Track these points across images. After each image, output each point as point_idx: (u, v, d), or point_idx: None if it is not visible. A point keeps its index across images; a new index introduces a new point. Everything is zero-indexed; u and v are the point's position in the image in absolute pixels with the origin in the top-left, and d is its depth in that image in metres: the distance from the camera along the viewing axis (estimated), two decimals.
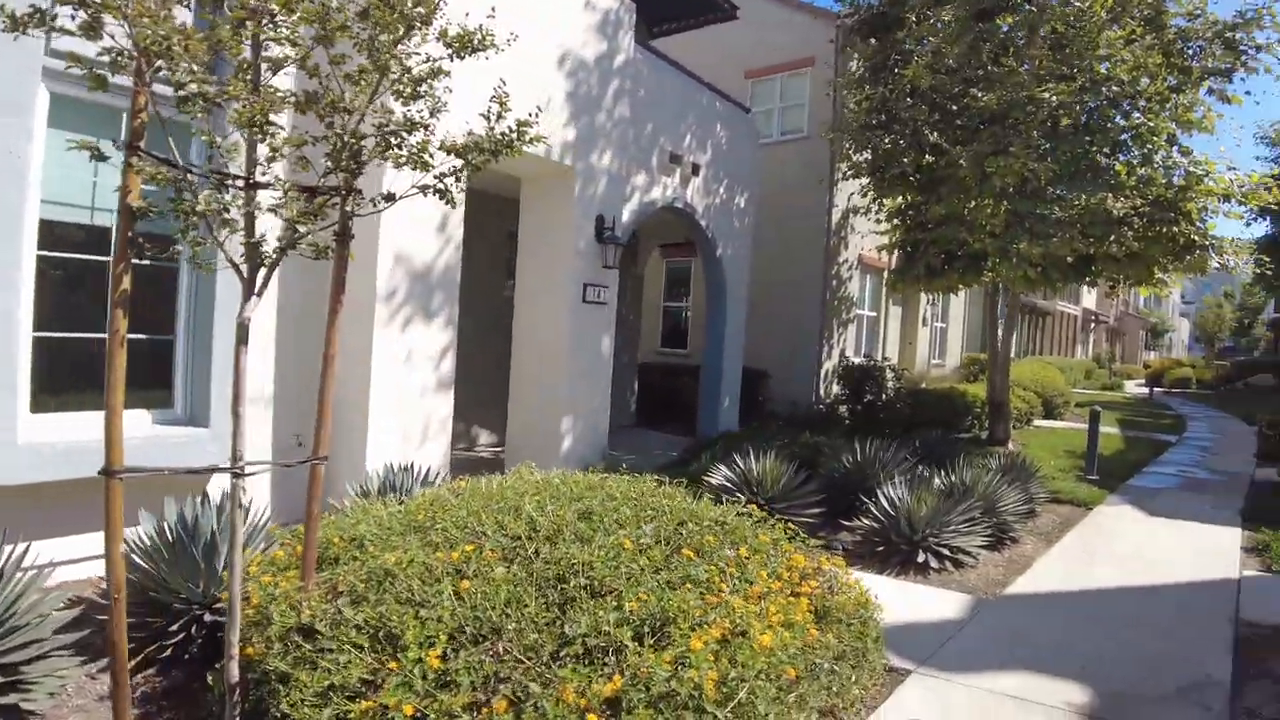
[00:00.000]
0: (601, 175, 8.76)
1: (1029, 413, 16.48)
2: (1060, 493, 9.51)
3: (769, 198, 15.88)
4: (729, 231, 12.01)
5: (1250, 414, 21.62)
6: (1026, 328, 34.42)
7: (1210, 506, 9.41)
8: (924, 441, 10.29)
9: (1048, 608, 5.69)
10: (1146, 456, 13.19)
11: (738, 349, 12.50)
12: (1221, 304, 58.03)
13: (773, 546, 4.13)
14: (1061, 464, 11.87)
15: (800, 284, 15.59)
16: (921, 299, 20.13)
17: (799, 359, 15.46)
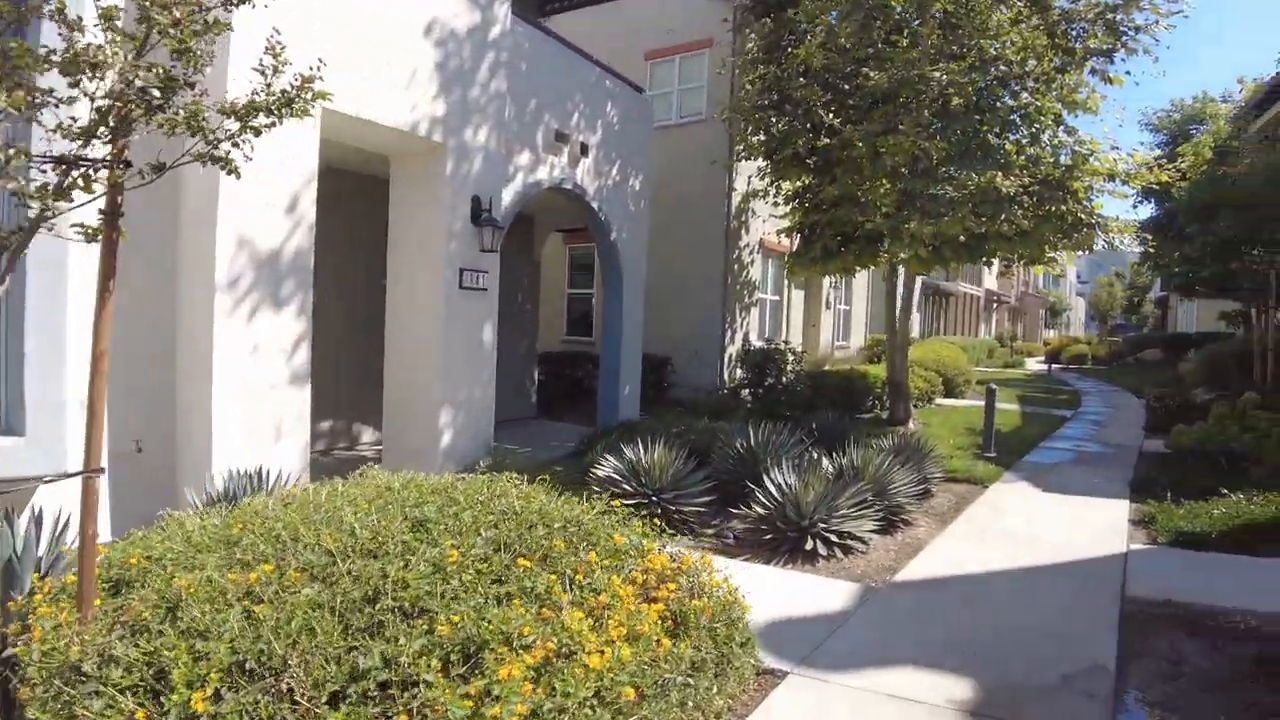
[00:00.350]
0: (477, 153, 8.26)
1: (930, 392, 16.62)
2: (957, 471, 9.46)
3: (670, 181, 15.60)
4: (624, 214, 11.64)
5: (1140, 387, 22.38)
6: (931, 309, 35.12)
7: (1102, 480, 9.49)
8: (821, 424, 10.14)
9: (937, 594, 5.50)
10: (1043, 432, 13.37)
11: (637, 335, 12.17)
12: (1113, 283, 60.51)
13: (632, 547, 3.77)
14: (961, 441, 11.90)
15: (702, 268, 15.35)
16: (824, 282, 20.16)
17: (702, 344, 15.24)
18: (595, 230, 11.34)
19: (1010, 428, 13.67)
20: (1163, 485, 8.74)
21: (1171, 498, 8.08)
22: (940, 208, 9.85)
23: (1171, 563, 6.20)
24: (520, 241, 12.98)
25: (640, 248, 12.19)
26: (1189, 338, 31.68)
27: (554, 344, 17.47)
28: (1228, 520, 7.16)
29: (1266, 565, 6.16)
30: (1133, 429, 14.19)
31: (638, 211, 12.01)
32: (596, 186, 10.89)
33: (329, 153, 8.30)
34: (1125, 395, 20.92)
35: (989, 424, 10.77)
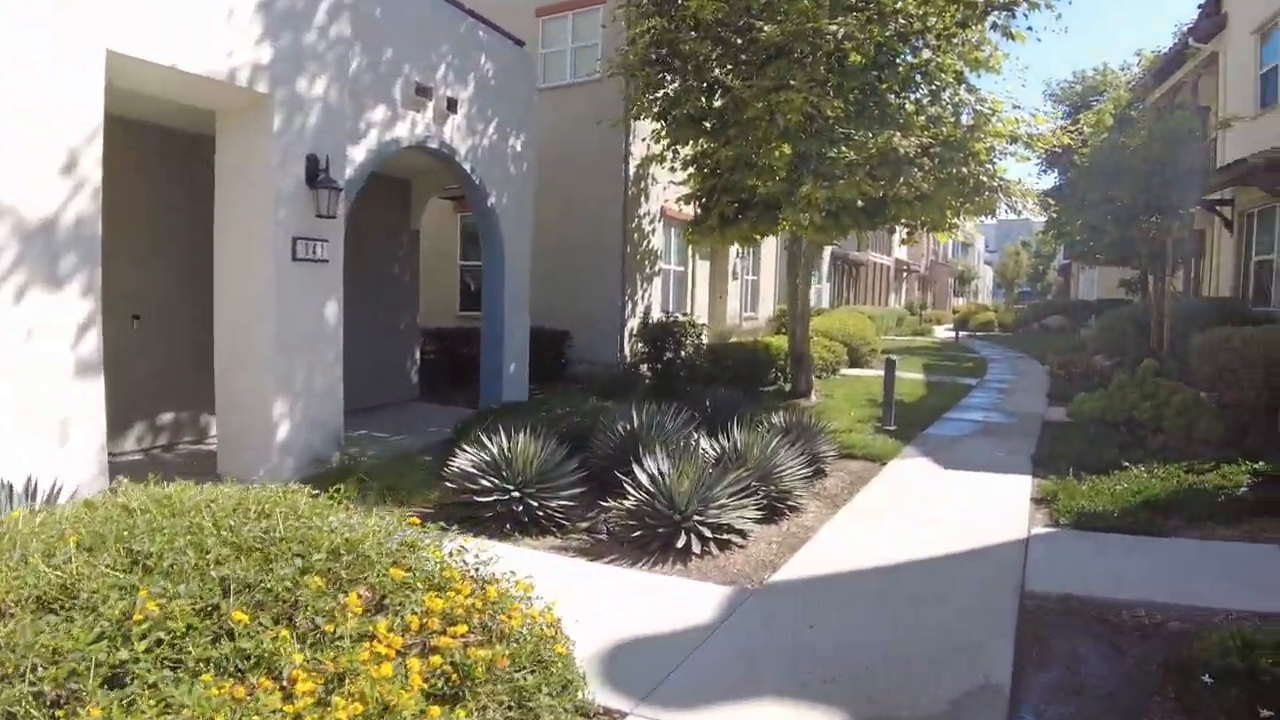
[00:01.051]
0: (313, 106, 7.26)
1: (835, 362, 16.22)
2: (854, 447, 8.95)
3: (565, 145, 14.74)
4: (503, 177, 10.74)
5: (1044, 354, 22.53)
6: (841, 279, 35.09)
7: (1004, 453, 9.10)
8: (715, 400, 9.51)
9: (817, 596, 4.87)
10: (948, 402, 13.05)
11: (522, 308, 11.32)
12: (1019, 252, 61.87)
13: (423, 577, 2.98)
14: (862, 414, 11.45)
15: (600, 238, 14.55)
16: (730, 252, 19.57)
17: (601, 317, 14.47)
18: (470, 194, 10.41)
19: (914, 398, 13.33)
20: (1065, 458, 8.37)
21: (1074, 472, 7.70)
22: (836, 170, 9.25)
23: (1073, 549, 5.72)
24: (394, 208, 11.97)
25: (525, 213, 11.30)
26: (1090, 304, 32.33)
27: (448, 320, 16.48)
28: (1129, 496, 6.76)
29: (1166, 546, 5.75)
30: (1037, 397, 14.02)
31: (520, 174, 11.11)
32: (469, 146, 9.95)
33: (142, 107, 7.21)
34: (1030, 362, 21.00)
35: (889, 397, 10.31)
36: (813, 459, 7.77)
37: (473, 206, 10.58)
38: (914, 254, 51.82)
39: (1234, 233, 16.43)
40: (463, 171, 9.91)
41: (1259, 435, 8.94)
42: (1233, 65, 17.10)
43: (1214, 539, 5.94)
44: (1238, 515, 6.40)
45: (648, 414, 7.98)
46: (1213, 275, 17.57)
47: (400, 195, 12.01)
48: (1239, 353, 9.36)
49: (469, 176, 9.99)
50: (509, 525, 5.97)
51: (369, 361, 11.38)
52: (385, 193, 11.70)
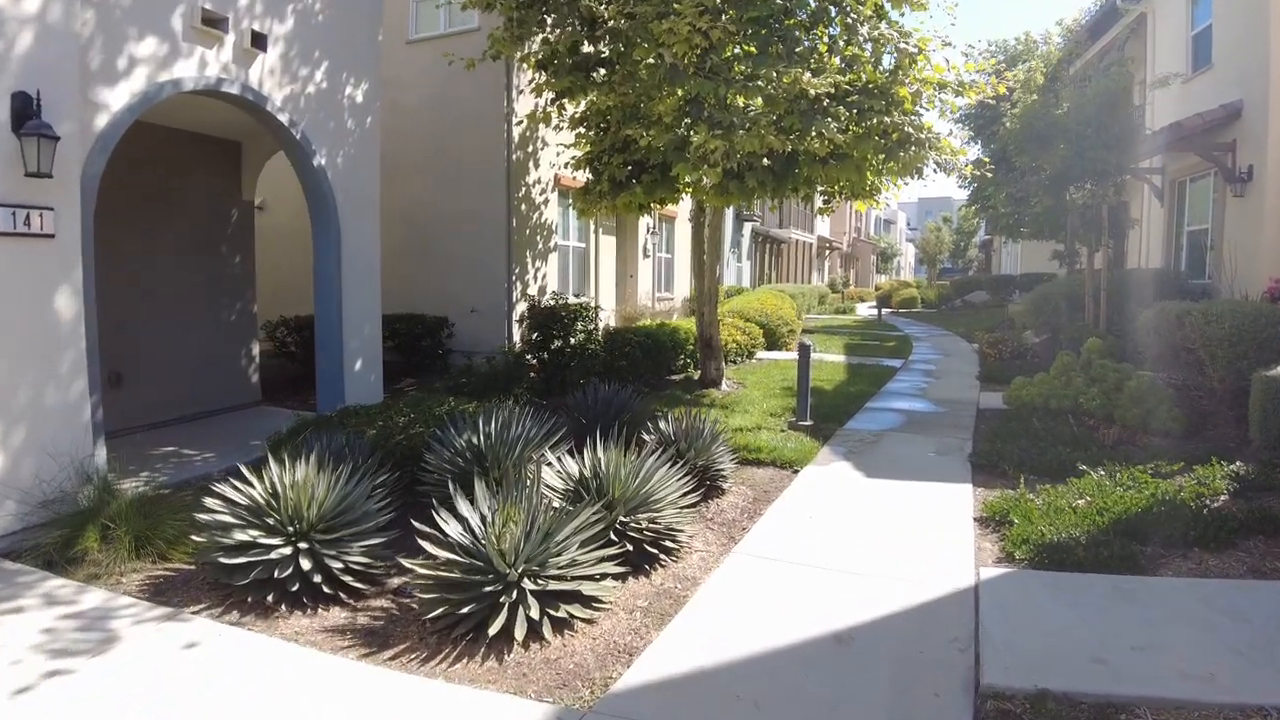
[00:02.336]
0: (25, 28, 5.35)
1: (750, 345, 14.78)
2: (762, 451, 7.45)
3: (441, 105, 12.96)
4: (337, 132, 8.90)
5: (970, 331, 21.54)
6: (763, 257, 33.86)
7: (936, 452, 7.72)
8: (600, 399, 7.91)
9: (677, 715, 3.30)
10: (871, 388, 11.69)
11: (368, 290, 9.50)
12: (941, 228, 61.79)
13: None
14: (776, 405, 9.99)
15: (482, 210, 12.76)
16: (640, 227, 17.97)
17: (484, 301, 12.71)
18: (290, 152, 8.52)
19: (835, 384, 11.94)
20: (1008, 459, 7.03)
21: (1022, 478, 6.34)
22: (735, 119, 7.69)
23: (1038, 604, 4.25)
24: (219, 174, 10.02)
25: (368, 175, 9.45)
26: (1014, 279, 31.72)
27: None
28: (1095, 516, 5.39)
29: (1157, 592, 4.36)
30: (967, 379, 12.79)
31: (361, 130, 9.26)
32: (288, 94, 8.09)
33: None
34: (956, 340, 19.94)
35: (803, 388, 8.84)
36: (706, 474, 6.24)
37: (295, 166, 8.69)
38: (837, 231, 51.06)
39: (1164, 202, 15.47)
40: (277, 124, 8.03)
41: (1225, 425, 7.74)
42: (1163, 27, 16.09)
43: (1210, 575, 4.59)
44: (1229, 537, 5.09)
45: (503, 420, 6.36)
46: (1142, 247, 16.64)
47: (227, 160, 10.05)
48: (1199, 330, 8.13)
49: (286, 130, 8.13)
50: (273, 596, 4.26)
51: (185, 361, 9.48)
52: (205, 156, 9.74)
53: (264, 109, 7.78)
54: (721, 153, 7.52)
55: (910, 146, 8.22)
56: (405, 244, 13.55)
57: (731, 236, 27.00)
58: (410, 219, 13.42)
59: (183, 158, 9.42)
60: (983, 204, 27.68)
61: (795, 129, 7.89)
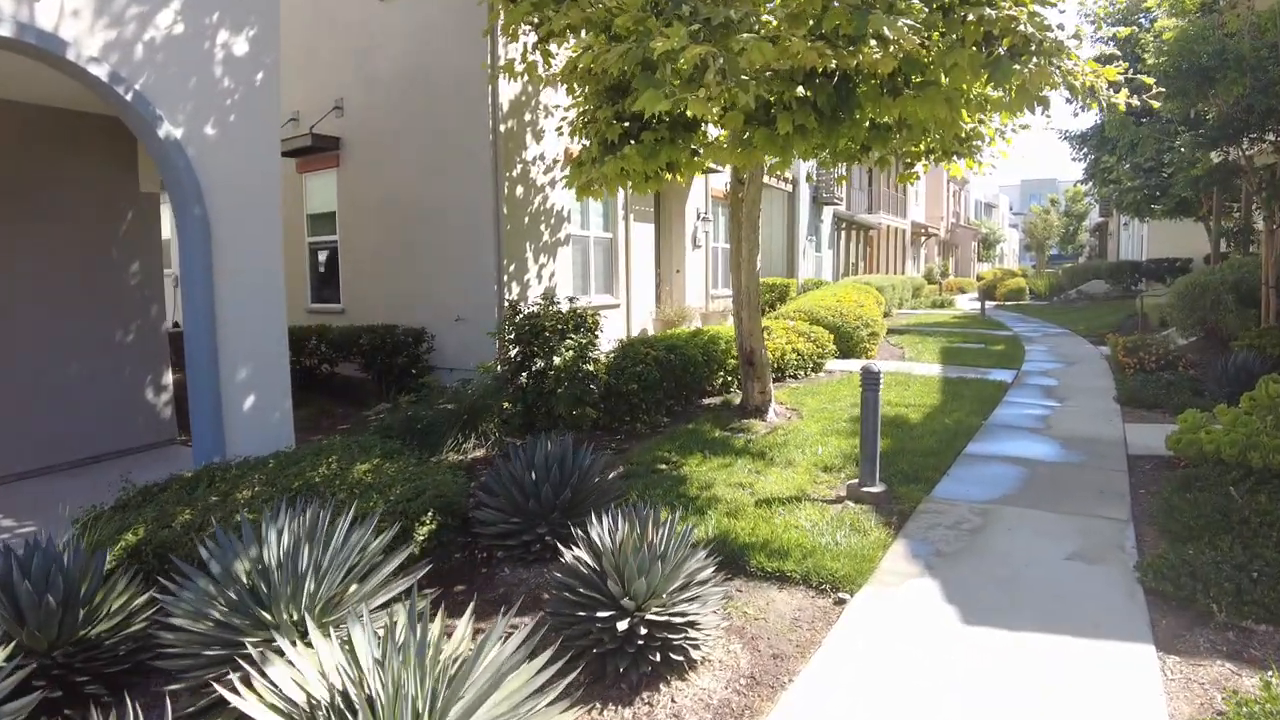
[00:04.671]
0: None
1: (818, 355, 11.79)
2: (789, 557, 4.60)
3: (419, 75, 10.56)
4: (202, 95, 6.39)
5: (1093, 329, 17.97)
6: (848, 245, 30.53)
7: (1078, 555, 4.72)
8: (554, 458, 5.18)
9: None
10: (971, 418, 8.61)
11: (264, 307, 6.97)
12: (1049, 211, 56.62)
13: None
14: (838, 448, 7.11)
15: (465, 198, 10.20)
16: (688, 211, 15.16)
17: (473, 309, 10.14)
18: (127, 120, 6.05)
19: (924, 412, 8.90)
20: (1212, 584, 4.01)
21: (1256, 638, 3.36)
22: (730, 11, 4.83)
23: None
24: (105, 161, 7.70)
25: (262, 155, 6.94)
26: (1139, 265, 27.59)
27: (296, 315, 12.28)
28: None
29: None
30: (1102, 401, 9.55)
31: (247, 92, 6.73)
32: (110, 39, 5.62)
33: None
34: (1077, 341, 16.42)
35: (869, 436, 5.86)
36: (655, 639, 3.45)
37: (142, 138, 6.21)
38: (933, 216, 46.96)
39: None
40: (92, 80, 5.55)
41: None
42: None
43: None
44: None
45: (297, 529, 3.74)
46: None
47: (115, 144, 7.70)
48: None
49: (110, 90, 5.64)
50: None
51: (62, 394, 7.23)
52: (86, 140, 7.45)
53: (63, 58, 5.31)
54: (717, 72, 4.65)
55: (1030, 57, 5.17)
56: (385, 243, 11.14)
57: (809, 222, 23.87)
58: (390, 214, 11.01)
59: (51, 141, 7.14)
60: (1100, 178, 23.80)
61: (842, 32, 4.96)
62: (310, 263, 12.55)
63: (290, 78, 12.37)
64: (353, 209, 11.67)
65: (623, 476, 6.48)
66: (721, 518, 5.28)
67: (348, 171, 11.72)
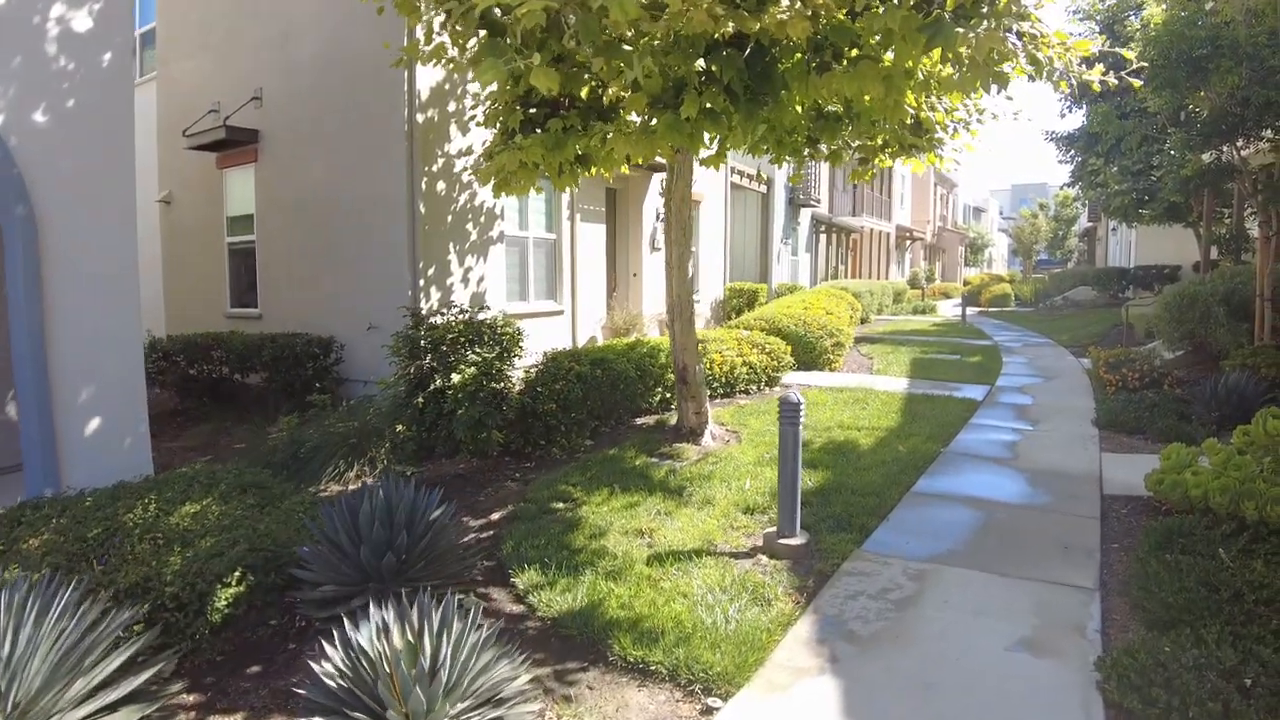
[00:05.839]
0: None
1: (772, 368, 10.84)
2: (662, 640, 3.63)
3: (335, 61, 9.63)
4: (27, 77, 5.44)
5: (1076, 340, 17.09)
6: (829, 249, 29.63)
7: (1025, 645, 3.77)
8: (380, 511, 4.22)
9: None
10: (929, 444, 7.65)
11: (111, 315, 6.03)
12: (1037, 215, 55.75)
13: None
14: (767, 484, 6.13)
15: (379, 193, 9.24)
16: (646, 211, 14.21)
17: (388, 315, 9.14)
18: None
19: (876, 436, 7.94)
20: (1193, 688, 3.08)
21: None
22: None
23: None
24: None
25: (116, 146, 5.99)
26: (1126, 272, 26.73)
27: (216, 321, 11.32)
28: None
29: None
30: (1079, 425, 8.62)
31: (88, 71, 5.78)
32: None
33: None
34: (1059, 353, 15.50)
35: (788, 481, 4.88)
36: None
37: None
38: (919, 220, 46.12)
39: None
40: None
41: None
42: None
43: None
44: None
45: None
46: None
47: None
48: None
49: None
50: None
51: None
52: None
53: None
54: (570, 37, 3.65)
55: (980, 20, 4.21)
56: (303, 245, 10.18)
57: (784, 225, 22.94)
58: (307, 213, 10.06)
59: None
60: (1087, 182, 22.93)
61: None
62: (230, 265, 11.54)
63: (211, 67, 11.39)
64: (271, 207, 10.69)
65: (507, 519, 5.52)
66: (598, 581, 4.31)
67: (266, 167, 10.74)
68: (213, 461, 7.57)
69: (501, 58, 3.71)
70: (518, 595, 4.27)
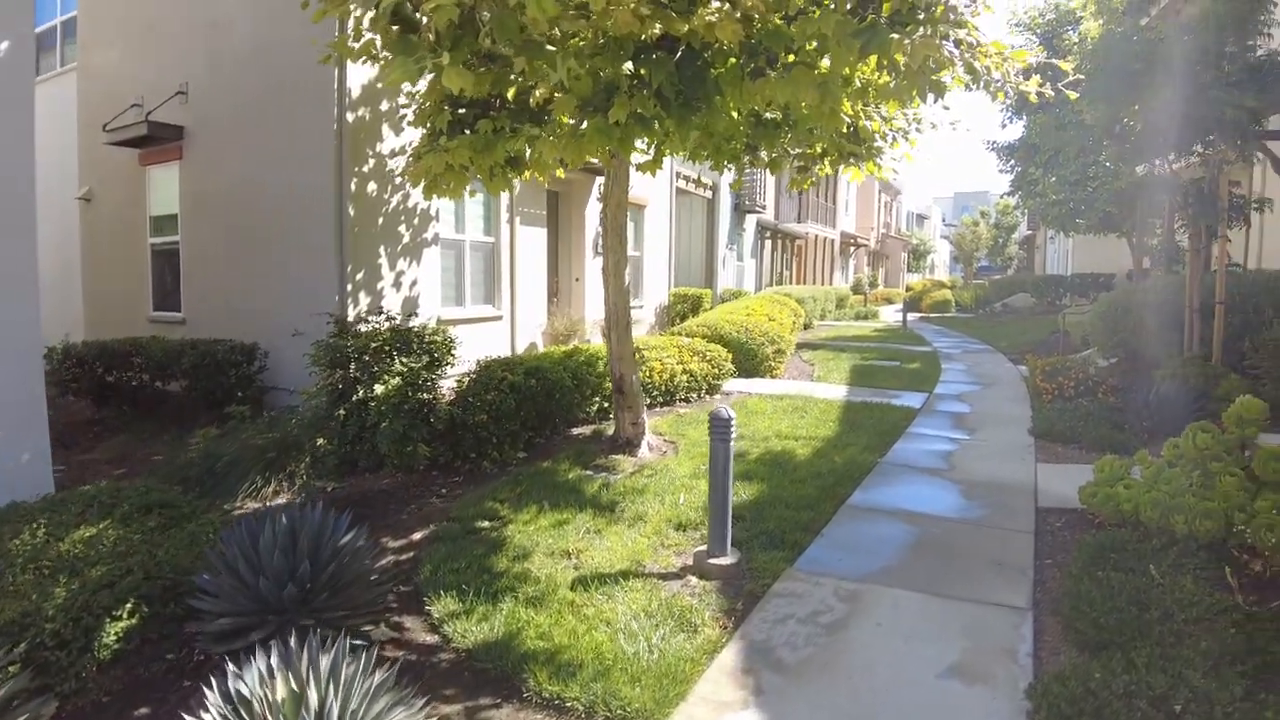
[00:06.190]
0: None
1: (713, 376, 10.72)
2: (580, 673, 3.44)
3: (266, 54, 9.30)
4: None
5: (1015, 346, 17.33)
6: (775, 255, 29.75)
7: (955, 672, 3.67)
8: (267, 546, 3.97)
9: None
10: (866, 455, 7.58)
11: (8, 320, 5.66)
12: (978, 222, 56.80)
13: None
14: (702, 498, 5.97)
15: (307, 192, 8.92)
16: (589, 215, 14.02)
17: (314, 320, 8.80)
18: None
19: (814, 447, 7.84)
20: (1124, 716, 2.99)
21: None
22: None
23: None
24: None
25: (13, 143, 5.63)
26: (1063, 280, 27.30)
27: (138, 326, 10.83)
28: None
29: None
30: (1016, 434, 8.64)
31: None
32: None
33: None
34: (998, 360, 15.67)
35: (719, 498, 4.73)
36: None
37: None
38: (864, 227, 46.67)
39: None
40: None
41: None
42: None
43: None
44: None
45: None
46: (1254, 242, 12.28)
47: None
48: None
49: None
50: None
51: None
52: None
53: None
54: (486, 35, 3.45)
55: (916, 26, 4.11)
56: (229, 247, 9.83)
57: (729, 230, 22.94)
58: (234, 213, 9.69)
59: None
60: (1027, 191, 23.32)
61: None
62: (153, 267, 11.05)
63: (134, 58, 10.92)
64: (196, 207, 10.26)
65: (429, 540, 5.27)
66: (517, 608, 4.10)
67: (191, 164, 10.31)
68: (127, 475, 7.21)
69: (413, 56, 3.49)
70: (433, 625, 4.04)
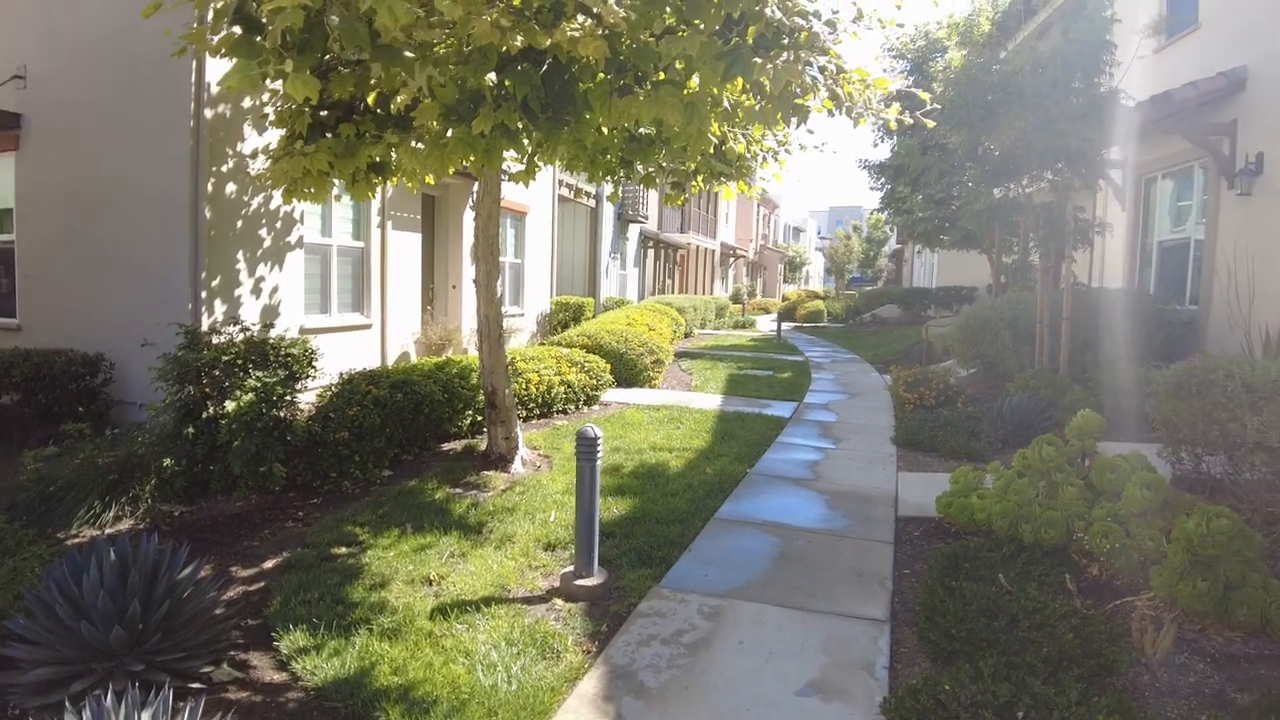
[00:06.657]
0: None
1: (592, 387, 10.67)
2: (431, 715, 3.30)
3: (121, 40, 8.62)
4: None
5: (881, 355, 18.01)
6: (658, 265, 30.02)
7: (819, 681, 3.71)
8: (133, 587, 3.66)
9: None
10: (737, 465, 7.68)
11: None
12: (850, 236, 59.04)
13: None
14: (572, 517, 5.88)
15: (161, 197, 8.36)
16: (468, 222, 13.74)
17: (168, 332, 8.26)
18: None
19: (687, 459, 7.88)
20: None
21: None
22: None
23: None
24: None
25: None
26: (929, 293, 28.58)
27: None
28: None
29: None
30: (879, 443, 8.93)
31: None
32: None
33: None
34: (865, 369, 16.23)
35: (585, 518, 4.67)
36: None
37: None
38: (743, 238, 47.71)
39: (1126, 204, 12.04)
40: None
41: None
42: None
43: None
44: None
45: None
46: (1096, 262, 13.17)
47: None
48: None
49: None
50: None
51: None
52: None
53: None
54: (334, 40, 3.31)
55: (781, 51, 4.17)
56: (72, 247, 9.08)
57: (612, 239, 22.98)
58: (78, 211, 8.98)
59: None
60: (896, 209, 24.35)
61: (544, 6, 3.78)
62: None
63: None
64: (35, 203, 9.47)
65: (281, 568, 4.99)
66: (371, 642, 3.92)
67: (30, 156, 9.51)
68: None
69: (256, 59, 3.29)
70: (281, 662, 3.80)
